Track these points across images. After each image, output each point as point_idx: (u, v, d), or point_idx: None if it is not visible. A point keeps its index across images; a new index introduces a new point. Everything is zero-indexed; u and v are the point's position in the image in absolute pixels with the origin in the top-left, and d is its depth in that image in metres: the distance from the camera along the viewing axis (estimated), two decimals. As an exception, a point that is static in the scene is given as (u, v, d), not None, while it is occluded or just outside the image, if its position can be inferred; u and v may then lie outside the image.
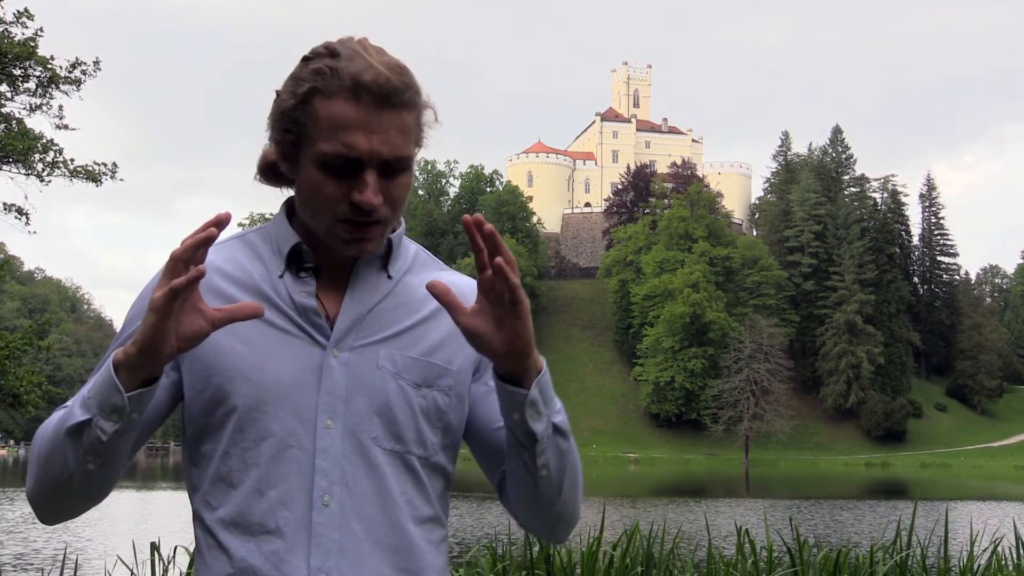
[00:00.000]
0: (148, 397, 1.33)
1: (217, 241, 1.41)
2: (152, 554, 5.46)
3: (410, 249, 1.56)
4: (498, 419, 1.50)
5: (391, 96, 1.38)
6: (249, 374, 1.42)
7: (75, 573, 5.94)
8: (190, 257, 1.28)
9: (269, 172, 1.53)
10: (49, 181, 18.07)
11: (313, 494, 1.40)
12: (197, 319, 1.30)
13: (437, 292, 1.33)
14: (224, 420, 1.43)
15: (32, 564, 15.55)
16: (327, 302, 1.47)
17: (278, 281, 1.47)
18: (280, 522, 1.39)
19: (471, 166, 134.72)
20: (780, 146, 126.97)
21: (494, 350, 1.35)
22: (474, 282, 1.51)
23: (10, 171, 17.95)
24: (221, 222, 1.30)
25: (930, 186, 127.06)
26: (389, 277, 1.50)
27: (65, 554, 6.14)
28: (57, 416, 1.40)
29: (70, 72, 17.94)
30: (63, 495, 1.40)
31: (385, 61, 1.40)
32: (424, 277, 1.53)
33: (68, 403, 1.42)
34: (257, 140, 1.40)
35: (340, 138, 1.37)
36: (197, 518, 1.47)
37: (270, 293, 1.46)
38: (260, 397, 1.42)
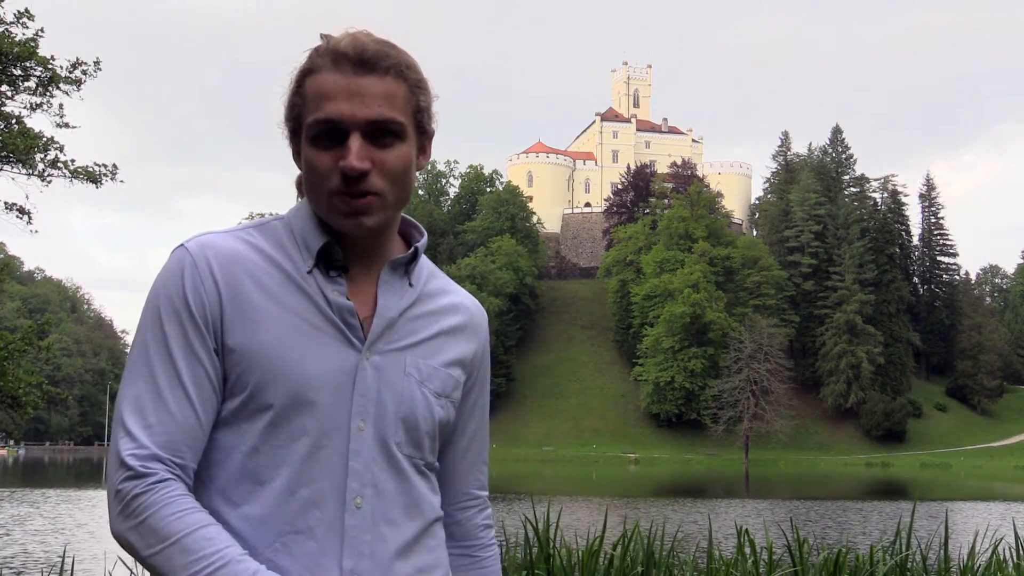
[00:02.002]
0: None
1: (233, 227, 1.48)
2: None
3: (426, 263, 1.57)
4: (476, 460, 1.64)
5: (370, 61, 1.39)
6: (288, 372, 1.40)
7: (72, 573, 5.92)
8: None
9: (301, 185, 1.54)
10: (50, 181, 18.09)
11: (346, 496, 1.40)
12: None
13: None
14: (256, 416, 1.40)
15: (31, 565, 15.53)
16: (359, 303, 1.47)
17: (307, 276, 1.44)
18: (312, 522, 1.38)
19: (471, 166, 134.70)
20: (780, 146, 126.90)
21: None
22: (480, 307, 1.62)
23: (11, 171, 17.96)
24: None
25: (930, 186, 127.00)
26: (410, 285, 1.50)
27: (64, 554, 6.13)
28: (177, 529, 1.33)
29: (70, 72, 17.95)
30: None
31: (368, 34, 1.42)
32: (438, 286, 1.56)
33: (148, 435, 1.36)
34: (256, 140, 1.43)
35: (323, 106, 1.38)
36: (213, 514, 1.40)
37: (305, 287, 1.44)
38: (297, 396, 1.40)
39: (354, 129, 1.38)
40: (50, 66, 17.74)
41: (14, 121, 17.84)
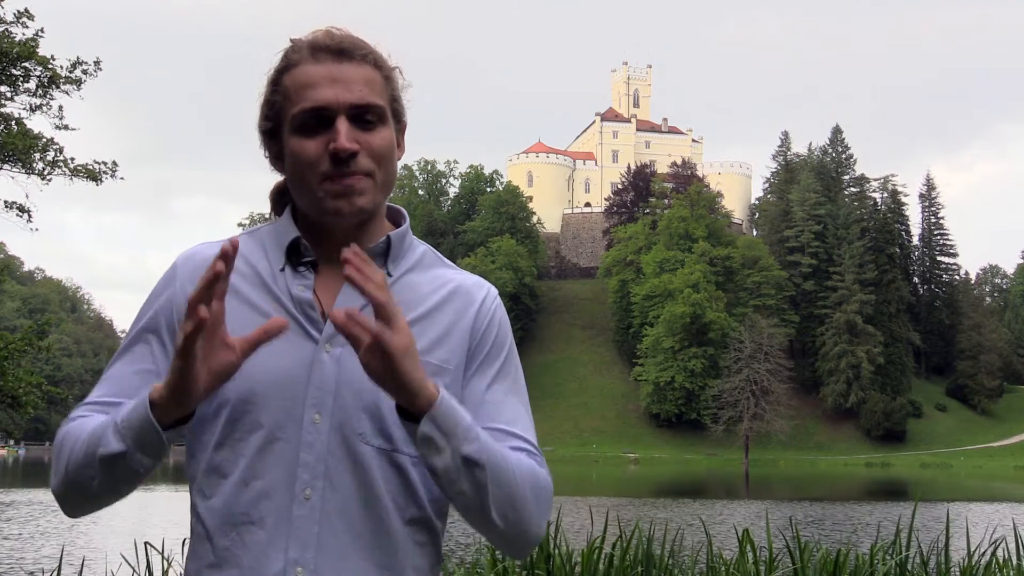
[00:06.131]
0: (184, 430, 1.39)
1: (233, 235, 1.50)
2: (155, 554, 5.45)
3: (418, 249, 1.57)
4: (487, 423, 1.49)
5: (348, 50, 1.46)
6: (243, 367, 1.40)
7: (81, 572, 5.92)
8: (204, 297, 1.27)
9: (277, 196, 1.59)
10: (50, 180, 18.10)
11: (295, 487, 1.41)
12: (226, 353, 1.31)
13: (337, 322, 1.28)
14: (218, 411, 1.45)
15: (30, 565, 15.54)
16: (326, 297, 1.49)
17: (279, 275, 1.50)
18: (263, 513, 1.41)
19: (471, 166, 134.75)
20: (780, 146, 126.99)
21: (384, 385, 1.32)
22: (481, 283, 1.59)
23: (11, 171, 17.96)
24: (227, 255, 1.28)
25: (930, 186, 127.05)
26: (389, 275, 1.50)
27: (62, 555, 6.14)
28: (87, 427, 1.43)
29: (71, 72, 17.95)
30: (91, 500, 1.46)
31: (340, 29, 1.50)
32: (430, 276, 1.55)
33: (93, 401, 1.49)
34: (256, 140, 1.51)
35: (307, 95, 1.44)
36: (192, 506, 1.50)
37: (272, 286, 1.49)
38: (252, 390, 1.43)
39: (340, 113, 1.43)
40: (50, 66, 17.74)
41: (14, 122, 17.84)
